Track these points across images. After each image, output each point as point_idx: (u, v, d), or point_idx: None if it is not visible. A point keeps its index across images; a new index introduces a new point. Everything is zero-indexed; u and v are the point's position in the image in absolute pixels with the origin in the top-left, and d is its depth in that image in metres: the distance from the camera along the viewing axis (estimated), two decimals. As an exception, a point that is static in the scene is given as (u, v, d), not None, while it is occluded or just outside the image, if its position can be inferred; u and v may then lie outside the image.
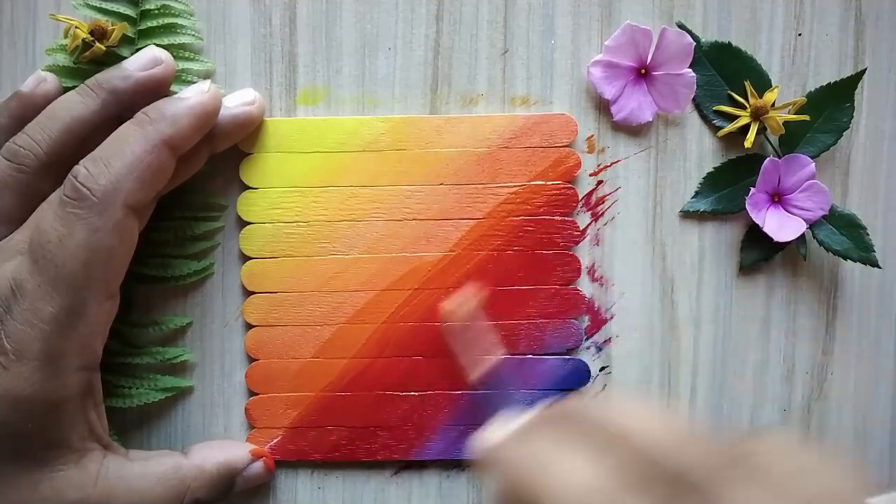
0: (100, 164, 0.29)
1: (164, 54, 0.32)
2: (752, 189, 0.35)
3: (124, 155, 0.29)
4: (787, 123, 0.35)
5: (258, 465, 0.34)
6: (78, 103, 0.31)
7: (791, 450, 0.20)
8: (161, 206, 0.34)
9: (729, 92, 0.36)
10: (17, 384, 0.28)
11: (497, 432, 0.28)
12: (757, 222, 0.35)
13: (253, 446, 0.34)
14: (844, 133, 0.35)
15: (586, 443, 0.21)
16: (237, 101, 0.34)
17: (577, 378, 0.36)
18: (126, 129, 0.30)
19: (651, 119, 0.36)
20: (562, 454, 0.21)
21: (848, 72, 0.36)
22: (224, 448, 0.34)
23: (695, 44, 0.35)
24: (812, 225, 0.35)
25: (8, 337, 0.28)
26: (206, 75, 0.35)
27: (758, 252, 0.36)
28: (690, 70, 0.35)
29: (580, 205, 0.36)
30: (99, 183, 0.29)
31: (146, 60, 0.32)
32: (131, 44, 0.34)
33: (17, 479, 0.29)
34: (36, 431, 0.29)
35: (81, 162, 0.29)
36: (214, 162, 0.34)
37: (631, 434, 0.21)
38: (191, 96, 0.31)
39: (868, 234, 0.35)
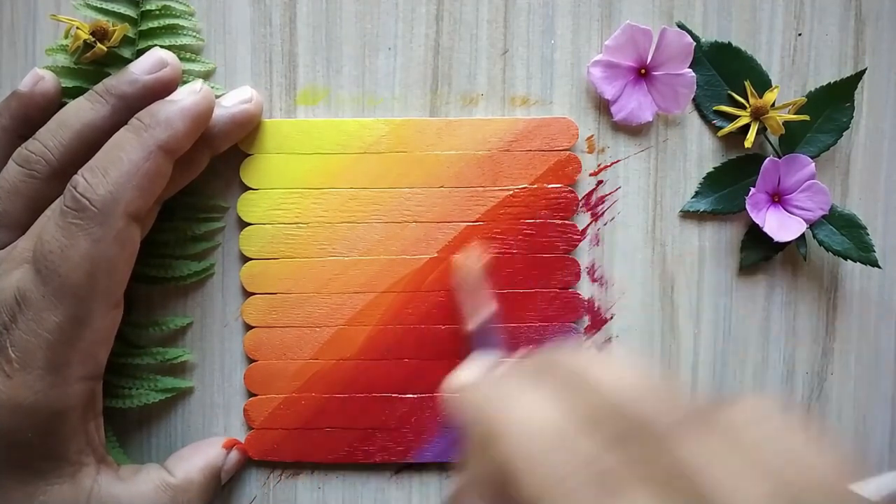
0: (97, 173, 0.29)
1: (169, 56, 0.32)
2: (752, 189, 0.35)
3: (121, 163, 0.29)
4: (787, 123, 0.35)
5: (234, 454, 0.34)
6: (88, 110, 0.31)
7: (769, 416, 0.18)
8: (162, 207, 0.34)
9: (729, 92, 0.36)
10: (20, 392, 0.28)
11: (469, 372, 0.28)
12: (757, 222, 0.35)
13: (222, 439, 0.35)
14: (844, 133, 0.35)
15: (554, 386, 0.20)
16: (234, 101, 0.33)
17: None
18: (121, 136, 0.30)
19: (651, 119, 0.36)
20: (526, 393, 0.20)
21: (848, 72, 0.36)
22: (199, 452, 0.34)
23: (695, 44, 0.35)
24: (812, 225, 0.35)
25: (13, 346, 0.28)
26: (208, 76, 0.35)
27: (758, 252, 0.36)
28: (690, 70, 0.35)
29: (580, 205, 0.36)
30: (98, 193, 0.28)
31: (152, 63, 0.32)
32: (132, 45, 0.34)
33: (12, 491, 0.29)
34: (36, 441, 0.29)
35: (80, 171, 0.29)
36: (215, 163, 0.34)
37: (600, 381, 0.20)
38: (183, 98, 0.31)
39: (868, 234, 0.35)
